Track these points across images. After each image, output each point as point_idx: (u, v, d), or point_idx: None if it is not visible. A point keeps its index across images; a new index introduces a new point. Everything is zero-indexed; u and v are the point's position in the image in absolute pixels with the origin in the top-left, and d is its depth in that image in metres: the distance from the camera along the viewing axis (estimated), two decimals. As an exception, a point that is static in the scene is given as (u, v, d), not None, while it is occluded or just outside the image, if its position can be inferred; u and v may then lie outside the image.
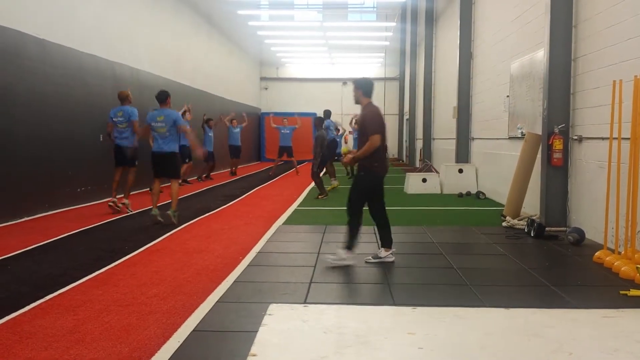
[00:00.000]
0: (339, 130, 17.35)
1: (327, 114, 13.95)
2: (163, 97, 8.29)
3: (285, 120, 18.83)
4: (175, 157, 8.32)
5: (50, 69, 9.32)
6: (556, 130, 7.42)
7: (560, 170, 7.55)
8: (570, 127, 7.50)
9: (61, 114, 9.64)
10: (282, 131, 18.20)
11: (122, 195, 9.34)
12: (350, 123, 16.36)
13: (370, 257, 5.85)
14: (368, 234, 7.37)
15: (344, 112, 25.62)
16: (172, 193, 8.29)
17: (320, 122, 12.00)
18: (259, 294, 4.66)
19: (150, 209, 8.23)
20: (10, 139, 8.28)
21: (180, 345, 3.50)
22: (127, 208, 9.15)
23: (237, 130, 18.02)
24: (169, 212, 8.07)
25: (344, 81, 29.43)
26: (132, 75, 12.54)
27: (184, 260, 5.84)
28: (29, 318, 4.01)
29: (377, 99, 25.31)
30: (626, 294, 4.59)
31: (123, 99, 9.31)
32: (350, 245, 5.72)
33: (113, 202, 9.13)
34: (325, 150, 11.98)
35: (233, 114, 18.59)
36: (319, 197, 11.69)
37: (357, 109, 6.41)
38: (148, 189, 9.62)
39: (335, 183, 13.04)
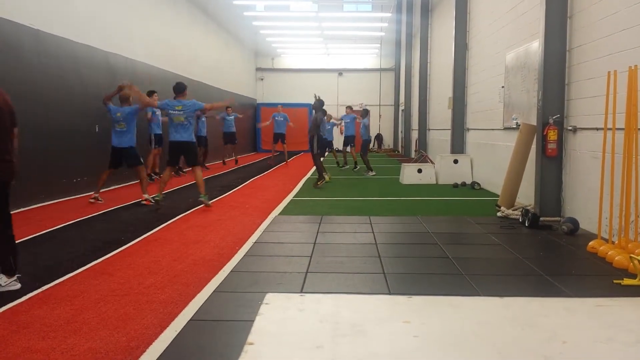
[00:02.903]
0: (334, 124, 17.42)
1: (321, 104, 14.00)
2: (181, 88, 8.76)
3: (279, 107, 19.09)
4: (193, 145, 8.85)
5: (44, 60, 9.26)
6: (551, 121, 7.45)
7: (554, 160, 7.58)
8: (565, 118, 7.52)
9: (56, 104, 9.60)
10: (277, 118, 18.45)
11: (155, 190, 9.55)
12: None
13: None
14: (365, 224, 7.40)
15: (340, 102, 25.60)
16: (196, 179, 8.86)
17: (320, 105, 12.00)
18: (256, 284, 4.69)
19: (157, 195, 8.73)
20: (4, 130, 8.23)
21: (178, 334, 3.53)
22: (150, 200, 9.10)
23: (232, 117, 18.21)
24: (200, 198, 8.70)
25: (340, 72, 29.39)
26: (127, 65, 12.48)
27: (181, 250, 5.86)
28: (26, 308, 4.02)
29: (372, 90, 25.32)
30: (620, 283, 4.64)
31: (124, 100, 9.16)
32: (7, 268, 4.43)
33: (95, 197, 9.13)
34: (322, 136, 12.02)
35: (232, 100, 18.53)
36: (318, 183, 11.69)
37: (352, 100, 6.37)
38: (138, 180, 9.70)
39: (326, 177, 13.04)
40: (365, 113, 15.61)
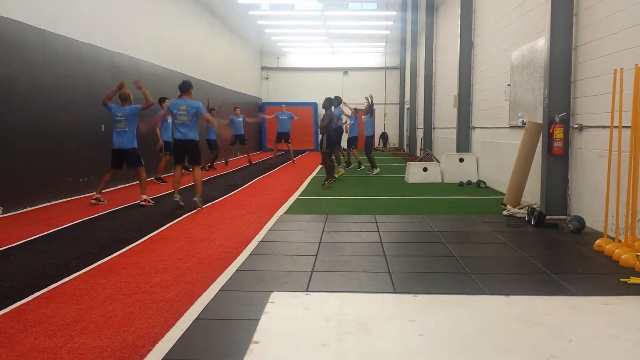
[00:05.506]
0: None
1: (338, 101, 14.14)
2: (186, 87, 8.70)
3: (283, 106, 19.16)
4: (196, 144, 8.77)
5: (51, 60, 9.31)
6: (557, 119, 7.42)
7: (560, 159, 7.56)
8: (571, 116, 7.49)
9: (62, 104, 9.64)
10: (280, 117, 18.50)
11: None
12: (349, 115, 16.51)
13: None
14: (370, 223, 7.40)
15: (345, 101, 25.53)
16: (195, 179, 8.78)
17: (329, 103, 12.09)
18: (261, 283, 4.70)
19: (173, 196, 8.72)
20: (12, 130, 8.28)
21: (183, 333, 3.54)
22: (149, 201, 9.10)
23: (240, 119, 18.18)
24: (195, 198, 8.58)
25: (345, 71, 29.38)
26: (131, 65, 12.52)
27: (186, 249, 5.88)
28: (33, 307, 4.04)
29: (377, 88, 25.22)
30: (626, 282, 4.62)
31: (124, 99, 9.10)
32: None
33: (96, 198, 9.05)
34: (332, 133, 12.08)
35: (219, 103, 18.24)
36: (326, 182, 11.70)
37: (357, 99, 6.39)
38: (137, 181, 9.71)
39: (341, 171, 13.07)
40: (368, 110, 15.72)
